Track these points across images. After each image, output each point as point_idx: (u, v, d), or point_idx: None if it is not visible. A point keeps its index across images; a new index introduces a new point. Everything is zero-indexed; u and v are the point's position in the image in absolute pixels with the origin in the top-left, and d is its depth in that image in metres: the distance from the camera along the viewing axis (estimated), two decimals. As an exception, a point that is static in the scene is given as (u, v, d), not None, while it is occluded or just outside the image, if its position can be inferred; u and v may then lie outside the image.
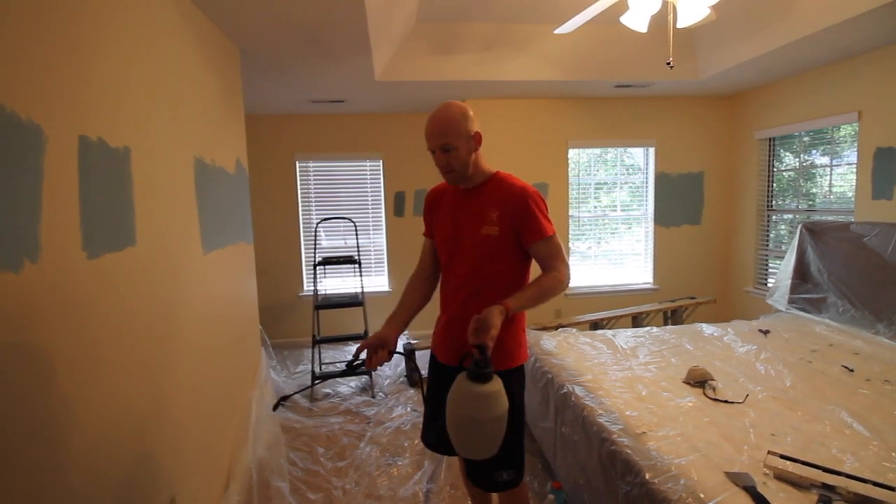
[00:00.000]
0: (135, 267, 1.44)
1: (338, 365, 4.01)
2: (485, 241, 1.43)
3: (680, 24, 2.15)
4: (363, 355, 1.44)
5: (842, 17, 2.54)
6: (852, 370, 2.21)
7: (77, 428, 1.16)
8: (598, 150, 4.64)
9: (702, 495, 1.30)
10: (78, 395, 1.16)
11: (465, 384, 1.22)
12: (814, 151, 3.85)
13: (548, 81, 3.69)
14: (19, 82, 1.00)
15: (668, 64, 2.27)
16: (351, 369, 1.47)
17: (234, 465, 2.21)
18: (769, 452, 1.47)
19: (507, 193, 1.44)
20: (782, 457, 1.44)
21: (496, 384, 1.22)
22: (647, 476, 1.43)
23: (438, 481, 2.33)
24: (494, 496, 1.73)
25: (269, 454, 2.49)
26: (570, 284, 1.44)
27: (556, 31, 2.56)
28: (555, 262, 1.41)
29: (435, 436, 1.63)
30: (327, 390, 3.52)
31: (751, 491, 1.30)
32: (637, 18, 2.15)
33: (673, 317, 4.05)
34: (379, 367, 3.61)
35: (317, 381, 3.36)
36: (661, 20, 2.92)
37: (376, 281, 4.82)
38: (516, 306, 1.33)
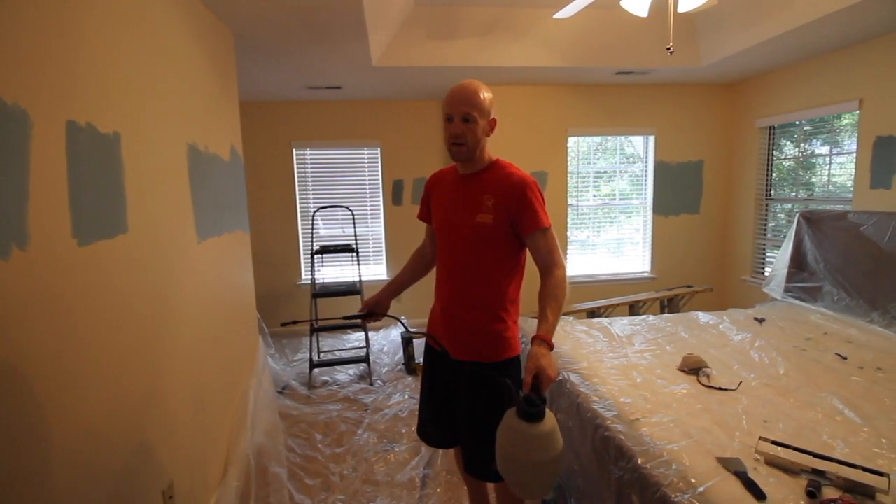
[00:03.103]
0: (127, 255, 1.43)
1: (336, 353, 4.03)
2: (479, 228, 1.41)
3: (681, 9, 2.12)
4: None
5: (843, 4, 2.51)
6: (845, 358, 2.22)
7: (68, 418, 1.16)
8: (597, 139, 4.61)
9: (693, 480, 1.32)
10: (69, 385, 1.17)
11: (517, 423, 1.14)
12: (814, 140, 3.83)
13: (547, 68, 3.65)
14: (4, 66, 0.99)
15: (669, 49, 2.24)
16: (349, 318, 1.64)
17: (233, 451, 2.23)
18: (761, 438, 1.48)
19: (504, 182, 1.42)
20: (773, 443, 1.46)
21: (550, 422, 1.14)
22: (640, 461, 1.45)
23: (435, 467, 2.36)
24: (490, 484, 1.75)
25: (267, 441, 2.51)
26: (568, 273, 1.44)
27: (556, 16, 2.53)
28: (553, 256, 1.39)
29: (431, 429, 1.63)
30: (325, 378, 3.54)
31: (741, 476, 1.32)
32: (637, 2, 2.12)
33: (669, 305, 4.06)
34: (375, 358, 3.61)
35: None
36: (662, 5, 2.88)
37: (374, 269, 4.82)
38: (552, 332, 1.30)
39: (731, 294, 4.59)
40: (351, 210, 4.36)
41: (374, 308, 1.64)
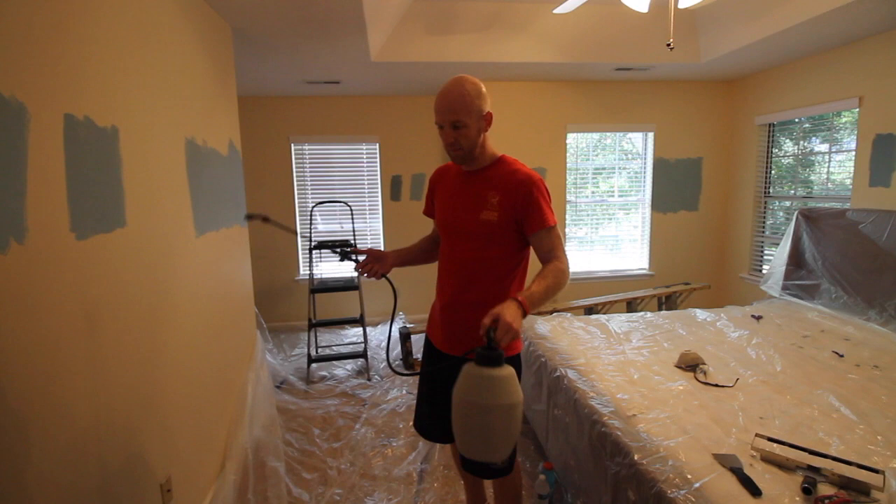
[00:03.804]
0: (125, 248, 1.43)
1: (334, 348, 4.03)
2: (483, 226, 1.40)
3: (682, 5, 2.12)
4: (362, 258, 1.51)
5: (843, 0, 2.50)
6: (842, 356, 2.23)
7: (65, 413, 1.16)
8: (596, 135, 4.60)
9: (689, 476, 1.32)
10: (67, 379, 1.17)
11: (472, 369, 1.12)
12: (813, 138, 3.83)
13: (547, 63, 3.64)
14: (1, 59, 0.98)
15: (669, 45, 2.24)
16: (344, 256, 1.48)
17: (231, 445, 2.24)
18: (757, 435, 1.49)
19: (510, 179, 1.40)
20: (770, 439, 1.46)
21: (508, 369, 1.12)
22: (636, 457, 1.45)
23: (432, 461, 2.37)
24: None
25: (265, 435, 2.52)
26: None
27: (556, 11, 2.52)
28: (555, 252, 1.37)
29: (428, 422, 1.64)
30: (323, 373, 3.54)
31: (737, 472, 1.32)
32: (637, -2, 2.11)
33: (667, 302, 4.07)
34: (373, 354, 3.60)
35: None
36: (663, 1, 2.87)
37: (373, 265, 4.81)
38: (532, 305, 1.21)
39: (729, 291, 4.60)
40: (349, 205, 4.35)
41: (377, 260, 1.52)
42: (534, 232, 1.38)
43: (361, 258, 1.52)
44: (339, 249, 1.48)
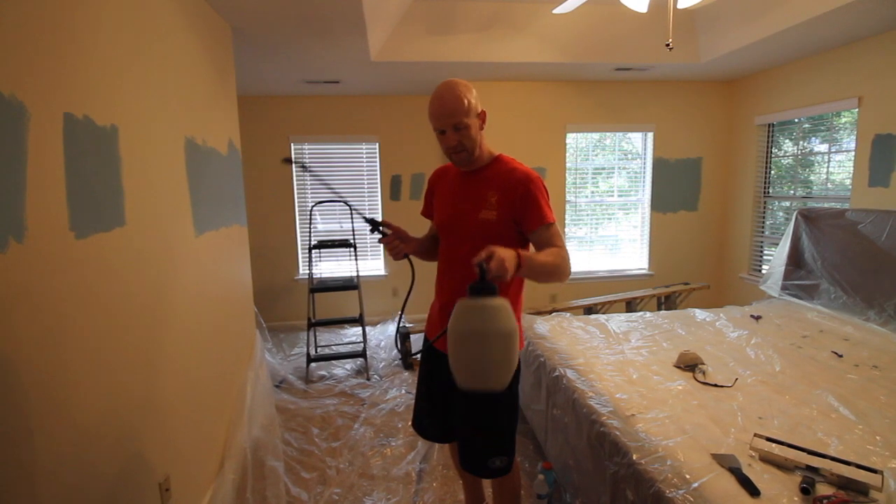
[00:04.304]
0: (125, 248, 1.43)
1: (333, 348, 4.03)
2: (482, 225, 1.40)
3: (681, 5, 2.12)
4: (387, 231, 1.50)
5: (843, 0, 2.50)
6: (841, 356, 2.24)
7: (65, 413, 1.16)
8: (596, 135, 4.60)
9: (687, 476, 1.32)
10: (66, 379, 1.17)
11: (465, 301, 1.09)
12: (813, 138, 3.83)
13: (547, 63, 3.64)
14: (1, 58, 0.98)
15: (668, 45, 2.24)
16: (374, 226, 1.48)
17: (230, 445, 2.24)
18: (755, 435, 1.49)
19: (508, 178, 1.40)
20: (768, 439, 1.46)
21: (501, 300, 1.09)
22: (635, 457, 1.45)
23: (431, 461, 2.37)
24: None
25: (264, 434, 2.52)
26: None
27: (555, 11, 2.52)
28: (554, 241, 1.37)
29: (427, 421, 1.64)
30: (322, 372, 3.55)
31: (736, 472, 1.33)
32: (637, -2, 2.11)
33: (666, 302, 4.08)
34: (372, 353, 3.60)
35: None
36: (662, 1, 2.88)
37: (372, 265, 4.82)
38: (527, 265, 1.20)
39: (729, 291, 4.60)
40: (349, 205, 4.35)
41: (402, 240, 1.50)
42: (533, 230, 1.38)
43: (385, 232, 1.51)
44: (368, 218, 1.48)
